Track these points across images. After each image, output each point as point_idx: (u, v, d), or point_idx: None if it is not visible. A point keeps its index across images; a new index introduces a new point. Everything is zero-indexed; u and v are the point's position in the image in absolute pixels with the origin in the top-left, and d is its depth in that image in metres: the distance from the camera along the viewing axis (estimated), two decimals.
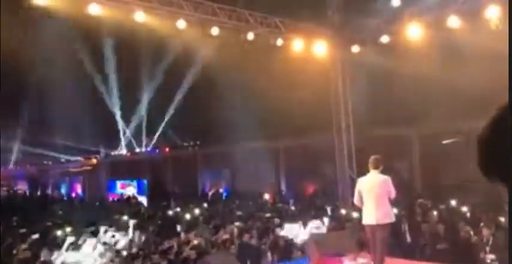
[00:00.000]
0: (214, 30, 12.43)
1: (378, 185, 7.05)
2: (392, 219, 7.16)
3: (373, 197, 7.00)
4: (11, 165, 37.70)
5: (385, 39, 13.43)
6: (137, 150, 32.96)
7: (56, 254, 9.32)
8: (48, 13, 10.44)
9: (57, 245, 10.25)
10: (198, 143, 29.46)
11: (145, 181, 30.74)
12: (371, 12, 13.38)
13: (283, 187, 24.97)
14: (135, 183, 31.00)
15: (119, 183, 31.36)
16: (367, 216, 7.07)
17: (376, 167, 7.11)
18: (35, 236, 11.03)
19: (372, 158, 7.16)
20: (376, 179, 7.10)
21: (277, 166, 25.47)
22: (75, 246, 9.92)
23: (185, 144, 30.19)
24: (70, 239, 10.19)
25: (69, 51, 18.78)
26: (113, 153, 34.15)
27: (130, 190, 30.49)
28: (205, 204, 19.88)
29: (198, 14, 12.12)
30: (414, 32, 12.56)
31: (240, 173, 26.35)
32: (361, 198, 7.14)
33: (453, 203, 13.23)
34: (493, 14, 10.99)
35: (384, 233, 7.07)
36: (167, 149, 30.99)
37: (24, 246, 9.56)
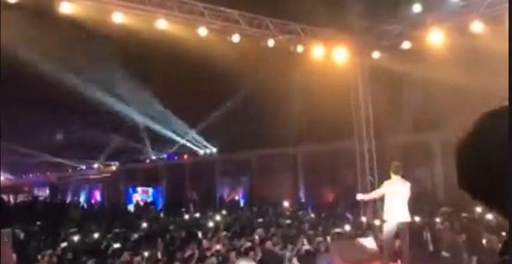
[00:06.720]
0: (236, 37, 12.52)
1: (401, 188, 7.88)
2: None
3: (399, 198, 7.82)
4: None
5: (406, 45, 13.32)
6: (155, 157, 33.09)
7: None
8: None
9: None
10: (216, 149, 29.49)
11: (161, 188, 30.87)
12: (392, 18, 13.28)
13: (301, 194, 24.82)
14: (152, 190, 31.14)
15: (137, 190, 31.52)
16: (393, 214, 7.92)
17: (397, 173, 7.86)
18: (63, 244, 11.07)
19: (393, 164, 7.77)
20: (400, 183, 7.90)
21: (296, 173, 25.34)
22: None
23: (203, 150, 30.23)
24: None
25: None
26: (131, 160, 34.32)
27: (148, 197, 30.63)
28: (223, 211, 19.85)
29: (220, 21, 12.22)
30: (436, 37, 12.45)
31: (258, 180, 26.29)
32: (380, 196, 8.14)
33: (478, 210, 12.96)
34: None
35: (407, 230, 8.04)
36: (185, 156, 31.06)
37: (49, 252, 9.60)
